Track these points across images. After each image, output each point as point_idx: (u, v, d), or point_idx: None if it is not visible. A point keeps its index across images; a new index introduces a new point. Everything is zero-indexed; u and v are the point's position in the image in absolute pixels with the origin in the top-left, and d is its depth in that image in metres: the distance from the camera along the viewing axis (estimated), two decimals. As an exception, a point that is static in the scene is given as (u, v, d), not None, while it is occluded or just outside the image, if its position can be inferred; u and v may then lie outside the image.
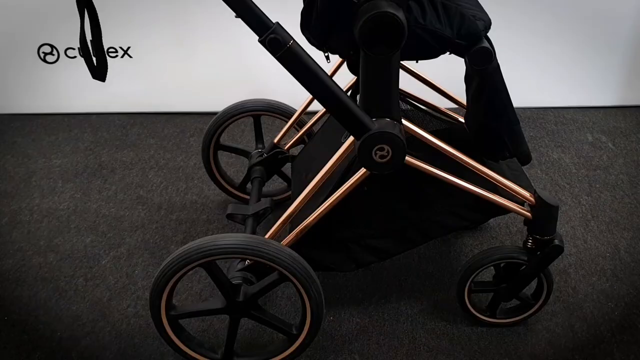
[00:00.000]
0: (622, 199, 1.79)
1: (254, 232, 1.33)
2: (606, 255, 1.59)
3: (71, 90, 2.35)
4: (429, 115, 1.48)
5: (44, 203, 1.84)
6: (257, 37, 0.98)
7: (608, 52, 2.26)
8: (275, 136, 1.63)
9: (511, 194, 1.23)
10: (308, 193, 1.20)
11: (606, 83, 2.32)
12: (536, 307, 1.34)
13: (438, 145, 1.16)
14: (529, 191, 1.24)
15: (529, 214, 1.23)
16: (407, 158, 1.12)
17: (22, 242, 1.68)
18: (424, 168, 1.15)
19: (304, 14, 1.12)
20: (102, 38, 1.16)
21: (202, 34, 2.25)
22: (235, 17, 0.97)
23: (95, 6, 1.12)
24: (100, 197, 1.87)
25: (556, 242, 1.23)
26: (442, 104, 1.55)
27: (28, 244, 1.67)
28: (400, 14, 0.97)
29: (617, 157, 2.00)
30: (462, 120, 1.45)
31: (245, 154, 1.73)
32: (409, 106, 1.49)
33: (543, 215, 1.22)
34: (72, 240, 1.68)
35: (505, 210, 1.24)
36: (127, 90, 2.34)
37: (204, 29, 2.24)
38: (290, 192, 1.61)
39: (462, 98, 1.35)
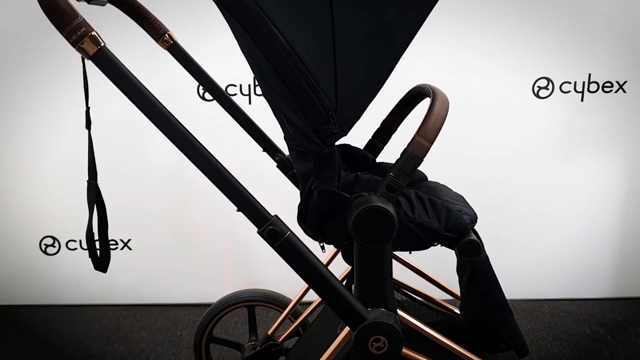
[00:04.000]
0: (630, 396, 1.72)
1: None
2: None
3: (68, 282, 2.36)
4: (424, 307, 1.48)
5: (24, 400, 1.75)
6: (254, 228, 1.03)
7: (599, 244, 2.34)
8: (270, 328, 1.61)
9: (512, 389, 1.19)
10: (303, 388, 1.16)
11: (599, 275, 2.37)
12: None
13: (435, 337, 1.15)
14: (530, 385, 1.20)
15: (532, 410, 1.18)
16: (404, 350, 1.10)
17: None
18: (422, 360, 1.13)
19: (301, 207, 1.18)
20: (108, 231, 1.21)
21: (200, 226, 2.33)
22: (237, 211, 1.03)
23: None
24: (84, 394, 1.78)
25: None
26: (437, 295, 1.57)
27: None
28: (391, 208, 1.04)
29: (618, 351, 1.96)
30: (457, 311, 1.45)
31: (237, 347, 1.69)
32: (404, 297, 1.50)
33: (548, 411, 1.16)
34: None
35: (508, 407, 1.19)
36: (124, 281, 2.36)
37: (202, 220, 2.33)
38: (284, 388, 1.54)
39: (456, 289, 1.37)
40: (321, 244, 1.23)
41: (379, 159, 1.39)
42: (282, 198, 1.51)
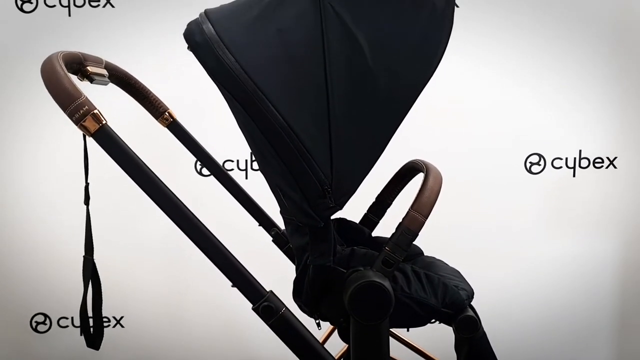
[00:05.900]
0: None
1: None
2: None
3: (57, 362, 2.30)
4: (423, 386, 1.45)
5: None
6: (249, 304, 1.02)
7: (597, 319, 2.31)
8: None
9: None
10: None
11: (599, 348, 2.32)
12: None
13: (434, 417, 1.12)
14: None
15: None
16: None
17: None
18: None
19: (296, 282, 1.17)
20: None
21: (194, 303, 2.30)
22: (232, 286, 1.02)
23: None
24: None
25: None
26: (436, 373, 1.53)
27: None
28: (387, 283, 1.03)
29: None
30: (457, 390, 1.41)
31: None
32: (402, 376, 1.47)
33: None
34: None
35: None
36: (115, 360, 2.30)
37: (195, 297, 2.29)
38: None
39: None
40: (317, 321, 1.22)
41: (374, 233, 1.40)
42: (277, 273, 1.50)
